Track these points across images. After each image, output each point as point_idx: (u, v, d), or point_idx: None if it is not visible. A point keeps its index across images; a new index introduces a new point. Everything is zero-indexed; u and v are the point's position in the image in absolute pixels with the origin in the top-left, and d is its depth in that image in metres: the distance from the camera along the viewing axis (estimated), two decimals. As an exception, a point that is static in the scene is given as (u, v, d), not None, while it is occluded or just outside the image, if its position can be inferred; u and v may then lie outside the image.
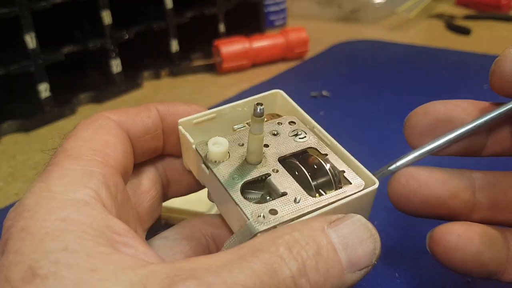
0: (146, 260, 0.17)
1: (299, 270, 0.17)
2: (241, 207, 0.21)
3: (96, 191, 0.19)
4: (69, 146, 0.21)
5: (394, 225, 0.38)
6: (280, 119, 0.27)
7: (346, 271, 0.18)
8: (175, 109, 0.26)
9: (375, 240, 0.19)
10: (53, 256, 0.16)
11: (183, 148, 0.26)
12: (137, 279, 0.16)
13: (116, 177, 0.21)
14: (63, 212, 0.17)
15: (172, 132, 0.26)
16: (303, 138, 0.26)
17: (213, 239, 0.27)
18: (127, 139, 0.23)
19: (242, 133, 0.26)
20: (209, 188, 0.25)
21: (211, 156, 0.24)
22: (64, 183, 0.19)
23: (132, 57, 0.76)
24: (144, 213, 0.25)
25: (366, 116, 0.59)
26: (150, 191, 0.26)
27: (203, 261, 0.17)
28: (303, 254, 0.17)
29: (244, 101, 0.26)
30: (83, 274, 0.16)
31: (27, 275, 0.16)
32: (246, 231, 0.20)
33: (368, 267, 0.19)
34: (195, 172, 0.26)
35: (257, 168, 0.23)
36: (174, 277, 0.16)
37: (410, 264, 0.34)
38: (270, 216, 0.21)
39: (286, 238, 0.18)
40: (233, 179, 0.23)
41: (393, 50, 0.85)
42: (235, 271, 0.16)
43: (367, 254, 0.19)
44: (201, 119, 0.25)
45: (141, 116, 0.25)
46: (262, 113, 0.22)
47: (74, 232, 0.17)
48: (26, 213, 0.17)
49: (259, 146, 0.23)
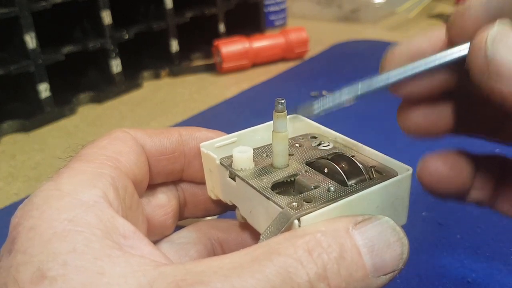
0: (154, 260, 0.17)
1: (317, 274, 0.16)
2: (274, 200, 0.20)
3: (104, 191, 0.19)
4: (84, 152, 0.21)
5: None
6: (301, 135, 0.27)
7: (371, 275, 0.17)
8: (198, 134, 0.26)
9: (403, 244, 0.18)
10: (61, 257, 0.16)
11: (206, 170, 0.26)
12: (145, 282, 0.16)
13: (126, 181, 0.21)
14: (71, 212, 0.17)
15: (195, 156, 0.26)
16: (327, 146, 0.25)
17: (219, 243, 0.26)
18: (142, 152, 0.23)
19: (266, 147, 0.26)
20: (238, 201, 0.24)
21: (236, 163, 0.23)
22: (73, 183, 0.19)
23: (132, 57, 0.76)
24: (155, 226, 0.25)
25: (366, 116, 0.59)
26: (165, 207, 0.26)
27: (213, 264, 0.16)
28: (324, 257, 0.17)
29: (263, 125, 0.27)
30: (91, 277, 0.16)
31: (36, 276, 0.16)
32: (282, 218, 0.19)
33: (394, 272, 0.18)
34: (221, 192, 0.25)
35: (284, 171, 0.23)
36: (180, 282, 0.15)
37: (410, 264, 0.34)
38: (305, 204, 0.20)
39: (307, 239, 0.17)
40: (261, 180, 0.22)
41: (393, 50, 0.85)
42: (246, 275, 0.16)
43: (393, 258, 0.18)
44: (223, 143, 0.25)
45: (159, 136, 0.25)
46: (284, 108, 0.22)
47: (82, 233, 0.17)
48: (34, 211, 0.18)
49: (284, 145, 0.23)
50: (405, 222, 0.22)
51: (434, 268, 0.34)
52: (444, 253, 0.35)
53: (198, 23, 0.82)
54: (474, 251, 0.35)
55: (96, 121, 0.64)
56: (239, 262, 0.16)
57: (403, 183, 0.22)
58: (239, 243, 0.26)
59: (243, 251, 0.17)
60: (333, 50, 0.86)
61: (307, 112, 0.23)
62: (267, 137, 0.26)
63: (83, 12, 0.68)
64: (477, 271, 0.33)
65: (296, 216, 0.19)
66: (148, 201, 0.25)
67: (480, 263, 0.34)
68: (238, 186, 0.23)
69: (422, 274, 0.34)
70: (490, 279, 0.33)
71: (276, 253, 0.16)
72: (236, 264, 0.16)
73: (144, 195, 0.25)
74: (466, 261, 0.34)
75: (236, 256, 0.17)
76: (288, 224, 0.19)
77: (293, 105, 0.25)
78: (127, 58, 0.73)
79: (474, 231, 0.37)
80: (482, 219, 0.38)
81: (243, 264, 0.16)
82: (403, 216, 0.22)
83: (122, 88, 0.72)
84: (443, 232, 0.38)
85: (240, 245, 0.26)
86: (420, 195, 0.42)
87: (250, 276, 0.16)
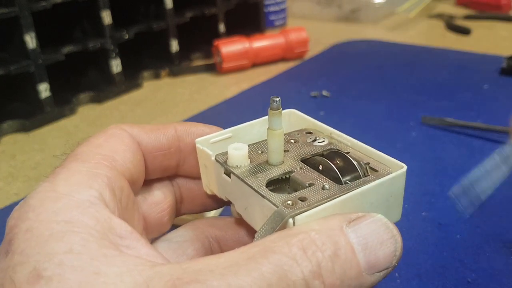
0: (150, 261, 0.17)
1: (312, 272, 0.16)
2: (269, 198, 0.20)
3: (100, 192, 0.19)
4: (80, 151, 0.21)
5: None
6: (297, 130, 0.27)
7: (365, 273, 0.18)
8: (194, 129, 0.26)
9: (396, 241, 0.19)
10: (58, 257, 0.16)
11: (202, 166, 0.26)
12: (142, 281, 0.16)
13: (122, 181, 0.21)
14: (68, 214, 0.17)
15: (190, 151, 0.25)
16: (322, 142, 0.25)
17: (216, 241, 0.26)
18: (138, 149, 0.23)
19: (261, 143, 0.26)
20: (233, 197, 0.24)
21: (232, 160, 0.23)
22: (69, 184, 0.19)
23: (132, 57, 0.76)
24: (151, 224, 0.25)
25: (366, 116, 0.59)
26: (161, 204, 0.26)
27: (210, 262, 0.16)
28: (318, 255, 0.17)
29: (259, 120, 0.27)
30: (87, 277, 0.16)
31: (32, 276, 0.16)
32: (276, 216, 0.19)
33: (388, 269, 0.18)
34: (216, 188, 0.25)
35: (280, 168, 0.23)
36: (176, 280, 0.15)
37: (410, 264, 0.34)
38: (300, 203, 0.20)
39: (301, 237, 0.17)
40: (256, 178, 0.22)
41: (393, 50, 0.85)
42: (242, 273, 0.16)
43: (387, 255, 0.18)
44: (218, 139, 0.25)
45: (156, 133, 0.25)
46: (279, 105, 0.22)
47: (79, 233, 0.17)
48: (31, 213, 0.18)
49: (279, 142, 0.23)
50: (399, 218, 0.23)
51: (434, 268, 0.34)
52: (444, 253, 0.35)
53: (198, 23, 0.82)
54: (474, 251, 0.35)
55: (96, 121, 0.64)
56: (235, 260, 0.16)
57: (397, 180, 0.22)
58: (236, 240, 0.26)
59: (239, 250, 0.17)
60: (333, 50, 0.86)
61: (470, 200, 0.22)
62: (263, 131, 0.26)
63: (83, 12, 0.68)
64: (477, 271, 0.33)
65: (291, 215, 0.19)
66: (143, 198, 0.25)
67: (480, 263, 0.34)
68: (233, 183, 0.23)
69: (422, 274, 0.34)
70: (490, 279, 0.33)
71: (271, 251, 0.16)
72: (232, 263, 0.16)
73: (140, 193, 0.25)
74: (466, 261, 0.34)
75: (232, 255, 0.17)
76: (282, 223, 0.19)
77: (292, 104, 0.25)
78: (127, 58, 0.73)
79: (474, 231, 0.37)
80: (482, 219, 0.38)
81: (239, 262, 0.16)
82: (397, 213, 0.22)
83: (122, 88, 0.72)
84: (443, 232, 0.38)
85: (237, 242, 0.26)
86: (420, 195, 0.42)
87: (246, 274, 0.16)
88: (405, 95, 0.65)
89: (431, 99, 0.63)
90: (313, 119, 0.27)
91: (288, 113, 0.27)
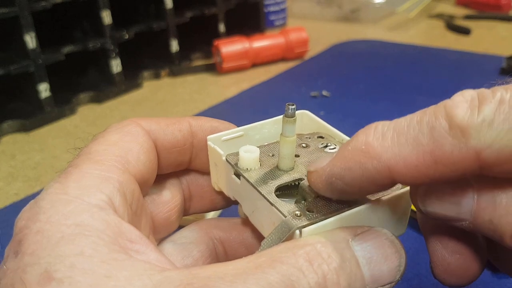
0: (160, 266, 0.17)
1: (318, 283, 0.17)
2: (277, 206, 0.21)
3: (110, 197, 0.19)
4: (94, 149, 0.21)
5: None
6: (308, 134, 0.27)
7: (368, 286, 0.18)
8: (208, 125, 0.26)
9: (401, 256, 0.19)
10: (69, 260, 0.16)
11: (212, 164, 0.26)
12: (152, 285, 0.16)
13: (133, 184, 0.21)
14: (79, 217, 0.17)
15: (202, 147, 0.25)
16: (333, 148, 0.25)
17: (221, 242, 0.26)
18: (152, 149, 0.23)
19: (273, 145, 0.26)
20: (241, 199, 0.24)
21: (242, 163, 0.23)
22: (80, 187, 0.19)
23: (132, 57, 0.76)
24: (159, 223, 0.25)
25: (366, 116, 0.59)
26: (169, 203, 0.26)
27: (218, 269, 0.16)
28: (324, 267, 0.17)
29: (270, 120, 0.26)
30: (97, 280, 0.16)
31: (43, 278, 0.16)
32: (284, 227, 0.19)
33: (391, 283, 0.18)
34: (225, 187, 0.25)
35: (290, 174, 0.23)
36: (187, 286, 0.16)
37: (410, 264, 0.34)
38: (308, 214, 0.20)
39: (307, 249, 0.17)
40: (265, 183, 0.22)
41: (393, 50, 0.85)
42: (250, 281, 0.16)
43: (391, 270, 0.18)
44: (230, 137, 0.25)
45: (172, 128, 0.24)
46: (294, 113, 0.22)
47: (89, 237, 0.17)
48: (41, 215, 0.18)
49: (291, 149, 0.23)
50: (404, 231, 0.23)
51: (434, 268, 0.34)
52: (444, 253, 0.35)
53: (198, 23, 0.82)
54: (474, 251, 0.35)
55: (96, 121, 0.64)
56: (243, 269, 0.16)
57: (405, 196, 0.22)
58: (241, 242, 0.26)
59: (246, 259, 0.17)
60: (333, 50, 0.86)
61: None
62: (274, 131, 0.26)
63: (83, 12, 0.68)
64: (477, 271, 0.33)
65: (298, 227, 0.19)
66: (152, 199, 0.25)
67: (480, 263, 0.34)
68: (242, 185, 0.23)
69: (422, 274, 0.34)
70: (490, 279, 0.33)
71: (278, 261, 0.17)
72: (240, 271, 0.16)
73: (148, 193, 0.25)
74: (466, 261, 0.34)
75: (240, 263, 0.17)
76: (289, 234, 0.19)
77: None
78: (127, 58, 0.73)
79: (474, 231, 0.37)
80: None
81: (247, 271, 0.16)
82: (403, 226, 0.23)
83: (122, 88, 0.72)
84: (443, 232, 0.37)
85: (241, 244, 0.26)
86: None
87: (255, 283, 0.16)
88: (405, 95, 0.65)
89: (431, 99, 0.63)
90: (326, 123, 0.27)
91: (300, 114, 0.27)
